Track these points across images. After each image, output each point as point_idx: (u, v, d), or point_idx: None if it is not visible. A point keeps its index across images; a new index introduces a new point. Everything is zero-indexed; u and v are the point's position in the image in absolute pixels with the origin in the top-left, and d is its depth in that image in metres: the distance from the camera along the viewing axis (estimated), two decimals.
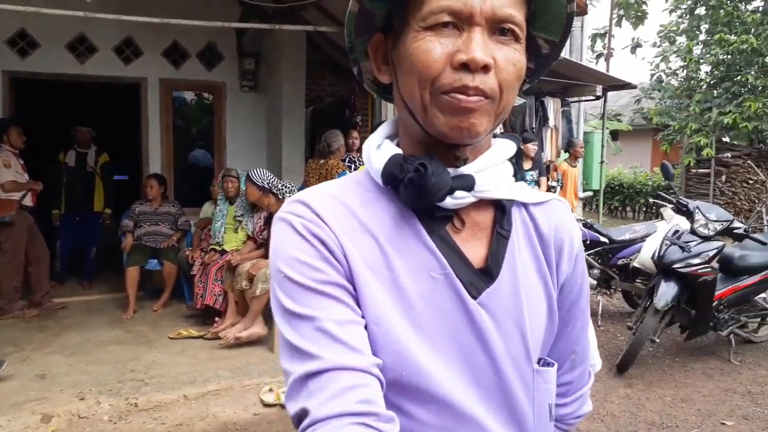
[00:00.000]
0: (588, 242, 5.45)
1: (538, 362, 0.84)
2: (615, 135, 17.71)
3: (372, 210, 0.78)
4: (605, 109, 8.80)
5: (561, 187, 7.41)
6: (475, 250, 0.80)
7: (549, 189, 7.05)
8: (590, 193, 9.34)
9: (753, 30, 11.52)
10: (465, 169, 0.77)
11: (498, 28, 0.71)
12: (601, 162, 9.38)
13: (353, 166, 5.57)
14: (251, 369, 4.21)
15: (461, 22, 0.70)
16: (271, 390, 3.78)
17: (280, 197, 4.72)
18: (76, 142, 6.44)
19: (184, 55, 7.11)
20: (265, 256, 4.90)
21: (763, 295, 4.81)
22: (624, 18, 20.68)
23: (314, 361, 0.67)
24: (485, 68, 0.70)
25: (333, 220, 0.75)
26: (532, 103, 7.61)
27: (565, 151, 8.00)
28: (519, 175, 6.85)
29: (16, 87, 6.65)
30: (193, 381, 3.97)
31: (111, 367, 4.20)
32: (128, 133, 8.08)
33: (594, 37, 20.87)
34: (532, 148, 6.86)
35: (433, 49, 0.71)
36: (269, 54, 7.24)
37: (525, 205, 0.87)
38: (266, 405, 3.67)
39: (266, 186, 4.75)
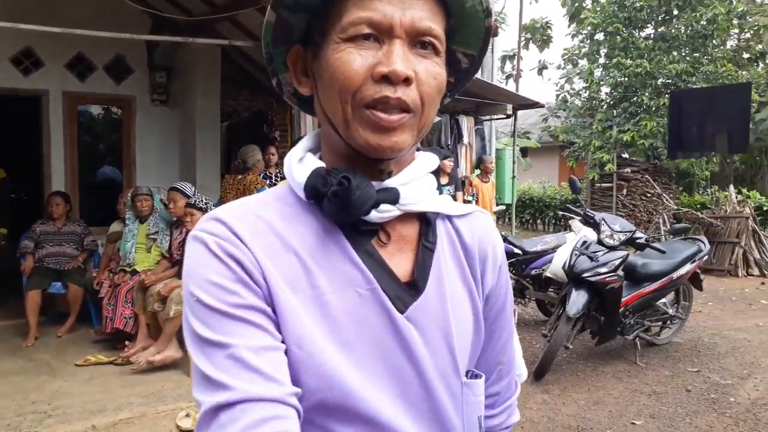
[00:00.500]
0: None
1: (466, 374, 0.83)
2: (525, 152, 18.51)
3: (293, 225, 0.75)
4: (515, 127, 9.18)
5: (476, 202, 7.63)
6: (401, 264, 0.79)
7: (465, 203, 7.25)
8: (503, 207, 9.68)
9: (646, 55, 12.43)
10: (389, 182, 0.76)
11: (418, 41, 0.71)
12: (513, 177, 9.75)
13: (270, 182, 5.49)
14: (166, 394, 4.01)
15: (381, 34, 0.70)
16: (188, 415, 3.62)
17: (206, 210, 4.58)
18: None
19: (90, 67, 6.77)
20: (179, 275, 4.71)
21: (663, 300, 5.15)
22: (531, 41, 21.77)
23: (226, 392, 0.63)
24: (407, 81, 0.69)
25: (251, 238, 0.71)
26: (447, 121, 7.84)
27: (477, 168, 8.28)
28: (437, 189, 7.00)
29: None
30: (103, 410, 3.73)
31: (10, 400, 3.87)
32: (27, 149, 7.58)
33: (504, 59, 21.85)
34: (448, 164, 7.04)
35: (354, 60, 0.69)
36: (182, 67, 7.04)
37: (449, 218, 0.87)
38: (182, 431, 3.51)
39: (195, 200, 4.58)
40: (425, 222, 0.83)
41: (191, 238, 0.73)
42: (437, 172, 7.06)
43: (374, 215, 0.75)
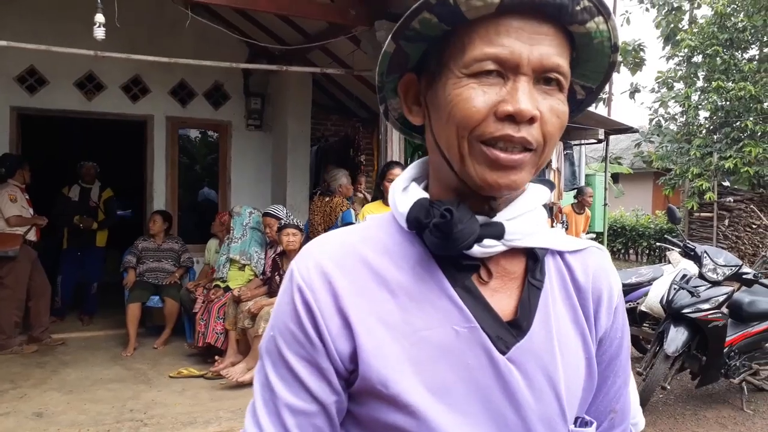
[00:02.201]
0: None
1: (575, 422, 0.79)
2: (616, 178, 17.83)
3: (391, 259, 0.74)
4: (607, 152, 8.87)
5: (566, 230, 7.40)
6: (504, 302, 0.75)
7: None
8: (593, 236, 9.33)
9: (750, 77, 11.71)
10: (495, 217, 0.74)
11: (543, 77, 0.69)
12: (604, 204, 9.40)
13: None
14: None
15: (507, 70, 0.67)
16: None
17: (302, 230, 4.75)
18: (80, 177, 6.45)
19: (191, 93, 7.19)
20: (269, 294, 4.85)
21: None
22: (623, 64, 21.08)
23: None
24: (531, 120, 0.67)
25: (342, 277, 0.72)
26: None
27: (574, 197, 8.06)
28: None
29: (24, 122, 6.70)
30: (193, 422, 3.87)
31: (109, 406, 4.10)
32: (133, 169, 8.11)
33: None
34: None
35: (476, 97, 0.68)
36: (275, 94, 7.34)
37: (560, 254, 0.82)
38: None
39: (288, 221, 4.74)
40: (533, 258, 0.79)
41: (290, 269, 0.75)
42: None
43: (477, 250, 0.72)
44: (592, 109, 14.85)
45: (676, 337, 4.14)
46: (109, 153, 8.76)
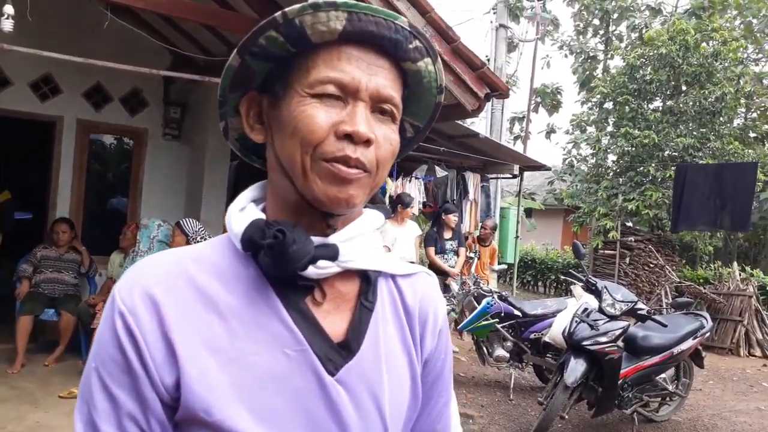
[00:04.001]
0: (502, 314, 5.55)
1: None
2: (529, 212, 18.57)
3: (223, 281, 0.74)
4: (521, 187, 9.24)
5: (478, 259, 7.59)
6: (336, 324, 0.77)
7: (467, 259, 7.22)
8: (504, 267, 9.62)
9: (654, 126, 12.59)
10: (331, 238, 0.76)
11: (379, 107, 0.74)
12: (516, 237, 9.75)
13: None
14: None
15: (347, 95, 0.72)
16: None
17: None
18: None
19: (106, 97, 6.87)
20: None
21: (663, 375, 5.02)
22: (541, 105, 22.17)
23: None
24: (367, 142, 0.71)
25: (167, 300, 0.70)
26: (453, 176, 7.90)
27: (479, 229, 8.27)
28: (439, 244, 6.99)
29: None
30: None
31: None
32: (37, 171, 7.62)
33: (513, 120, 22.21)
34: (453, 219, 7.04)
35: (318, 115, 0.71)
36: (196, 104, 7.15)
37: (393, 277, 0.86)
38: None
39: (193, 239, 4.57)
40: (366, 280, 0.81)
41: (111, 294, 0.73)
42: (440, 227, 7.06)
43: (311, 271, 0.74)
44: (509, 145, 15.48)
45: (576, 368, 4.31)
46: (12, 153, 8.21)
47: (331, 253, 0.74)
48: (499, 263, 9.27)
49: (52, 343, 5.43)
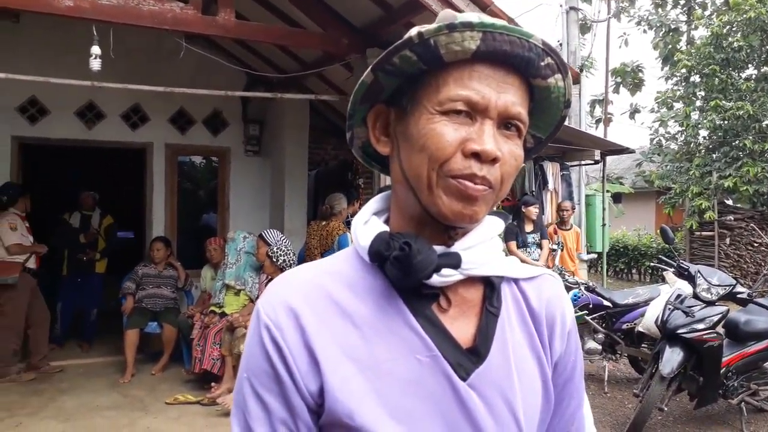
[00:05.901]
0: (591, 306, 5.39)
1: None
2: (618, 198, 17.82)
3: (355, 292, 0.78)
4: (605, 172, 8.90)
5: (562, 250, 7.37)
6: (463, 329, 0.79)
7: (551, 252, 7.04)
8: (594, 256, 9.30)
9: (747, 97, 11.76)
10: (453, 248, 0.78)
11: (505, 123, 0.75)
12: (603, 225, 9.39)
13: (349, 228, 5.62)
14: None
15: (476, 112, 0.73)
16: None
17: (278, 264, 4.74)
18: (80, 205, 6.53)
19: (190, 121, 7.29)
20: None
21: None
22: (621, 85, 21.21)
23: None
24: (494, 160, 0.72)
25: (309, 313, 0.75)
26: (531, 167, 7.71)
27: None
28: (521, 238, 6.86)
29: (25, 151, 6.80)
30: None
31: None
32: (133, 196, 8.19)
33: (593, 103, 21.34)
34: (533, 210, 6.88)
35: (447, 133, 0.73)
36: (273, 120, 7.43)
37: (516, 281, 0.86)
38: None
39: (275, 249, 4.76)
40: (490, 286, 0.83)
41: (256, 309, 0.78)
42: (521, 220, 6.92)
43: (436, 279, 0.76)
44: (591, 129, 14.89)
45: (672, 358, 4.12)
46: (109, 179, 8.86)
47: (454, 262, 0.77)
48: (588, 252, 8.97)
49: (157, 354, 5.83)
